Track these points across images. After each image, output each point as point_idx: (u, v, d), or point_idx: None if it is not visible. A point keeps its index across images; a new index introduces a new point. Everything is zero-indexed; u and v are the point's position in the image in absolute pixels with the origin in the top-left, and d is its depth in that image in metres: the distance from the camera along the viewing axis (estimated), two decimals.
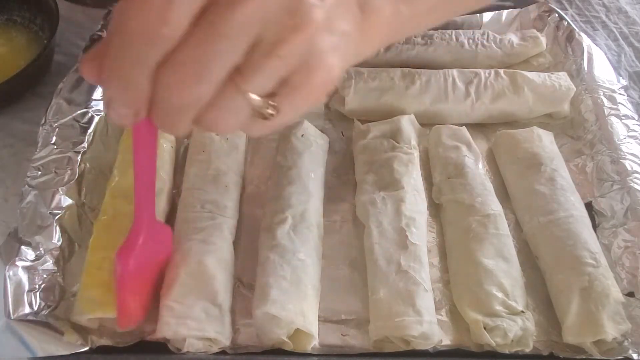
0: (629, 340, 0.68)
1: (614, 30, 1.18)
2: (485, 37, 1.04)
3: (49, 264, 0.70)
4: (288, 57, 0.42)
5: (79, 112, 0.84)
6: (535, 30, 1.06)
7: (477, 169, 0.84)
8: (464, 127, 0.90)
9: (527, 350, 0.67)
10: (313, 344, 0.67)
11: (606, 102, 0.92)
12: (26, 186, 0.75)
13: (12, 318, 0.64)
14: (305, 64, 0.43)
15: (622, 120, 0.90)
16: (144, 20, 0.38)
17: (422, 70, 0.95)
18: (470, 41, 1.03)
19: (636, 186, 0.80)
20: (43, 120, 0.82)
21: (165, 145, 0.83)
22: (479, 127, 0.94)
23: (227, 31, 0.39)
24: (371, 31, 0.51)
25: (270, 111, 0.44)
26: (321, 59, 0.43)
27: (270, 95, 0.44)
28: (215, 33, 0.39)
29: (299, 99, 0.45)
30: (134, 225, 0.62)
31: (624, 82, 0.98)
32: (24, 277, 0.67)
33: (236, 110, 0.44)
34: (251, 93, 0.43)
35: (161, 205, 0.77)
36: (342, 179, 0.87)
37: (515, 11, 1.12)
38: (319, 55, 0.43)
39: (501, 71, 0.96)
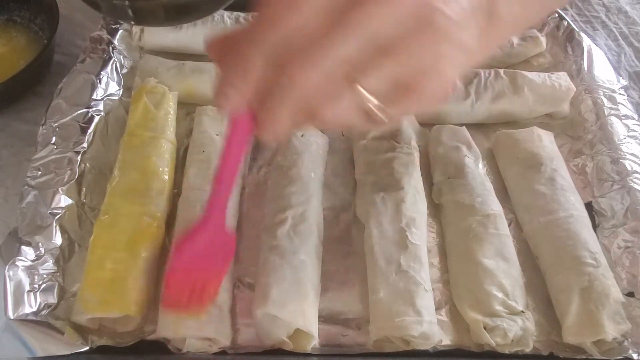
0: (629, 340, 0.68)
1: (614, 30, 1.18)
2: None
3: (49, 264, 0.70)
4: (405, 60, 0.42)
5: (79, 112, 0.84)
6: (535, 30, 1.06)
7: (477, 169, 0.84)
8: (464, 127, 0.90)
9: (527, 350, 0.67)
10: (313, 344, 0.67)
11: (606, 102, 0.92)
12: (26, 186, 0.75)
13: (12, 318, 0.64)
14: (422, 70, 0.43)
15: (622, 120, 0.90)
16: (279, 6, 0.41)
17: None
18: None
19: (636, 186, 0.80)
20: (43, 120, 0.82)
21: (166, 145, 0.83)
22: (479, 127, 0.94)
23: (353, 28, 0.40)
24: (492, 40, 0.52)
25: (379, 113, 0.45)
26: (438, 68, 0.44)
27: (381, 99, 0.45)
28: (342, 28, 0.40)
29: (409, 104, 0.46)
30: (201, 220, 0.58)
31: (624, 82, 0.98)
32: (24, 277, 0.67)
33: (347, 105, 0.44)
34: (364, 90, 0.43)
35: (162, 205, 0.77)
36: (342, 179, 0.87)
37: None
38: (436, 63, 0.43)
39: (501, 71, 0.96)
